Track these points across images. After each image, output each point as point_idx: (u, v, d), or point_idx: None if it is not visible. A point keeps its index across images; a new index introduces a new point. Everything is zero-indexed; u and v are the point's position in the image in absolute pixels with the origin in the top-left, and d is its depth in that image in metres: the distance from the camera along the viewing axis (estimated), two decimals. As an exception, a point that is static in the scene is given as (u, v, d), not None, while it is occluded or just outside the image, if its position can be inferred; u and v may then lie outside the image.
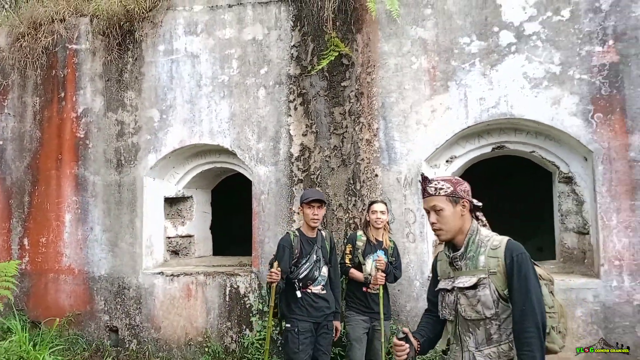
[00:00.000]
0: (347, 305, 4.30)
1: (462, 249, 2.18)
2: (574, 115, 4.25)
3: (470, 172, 5.31)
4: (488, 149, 4.90)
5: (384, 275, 4.07)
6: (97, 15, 6.02)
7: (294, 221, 5.10)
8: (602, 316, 4.10)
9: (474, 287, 2.10)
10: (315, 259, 3.90)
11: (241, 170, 5.77)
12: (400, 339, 2.23)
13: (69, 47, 6.13)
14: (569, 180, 4.58)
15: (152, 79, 5.79)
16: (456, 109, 4.62)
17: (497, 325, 2.07)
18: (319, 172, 5.07)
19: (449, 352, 2.25)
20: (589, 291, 4.14)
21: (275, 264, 3.85)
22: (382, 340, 4.09)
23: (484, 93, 4.54)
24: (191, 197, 6.34)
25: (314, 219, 3.87)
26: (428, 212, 2.24)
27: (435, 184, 2.20)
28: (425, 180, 2.26)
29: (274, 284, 3.83)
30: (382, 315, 4.08)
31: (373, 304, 4.17)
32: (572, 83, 4.27)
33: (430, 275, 2.44)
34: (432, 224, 2.21)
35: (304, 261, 3.87)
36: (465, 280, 2.13)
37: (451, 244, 2.24)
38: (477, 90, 4.56)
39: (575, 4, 4.31)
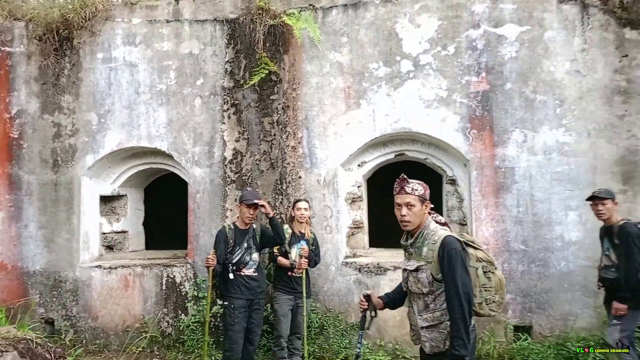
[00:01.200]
0: (275, 287, 5.07)
1: (412, 240, 2.79)
2: (456, 131, 5.37)
3: (378, 174, 6.34)
4: (391, 156, 5.91)
5: (307, 261, 4.90)
6: (33, 20, 6.25)
7: (227, 217, 5.77)
8: (475, 289, 5.24)
9: (416, 270, 2.74)
10: (246, 246, 4.63)
11: (176, 171, 6.31)
12: (364, 296, 3.06)
13: (2, 49, 6.31)
14: (453, 182, 5.71)
15: (90, 85, 6.16)
16: (366, 122, 5.57)
17: (433, 298, 2.75)
18: (250, 173, 5.78)
19: (409, 312, 2.98)
20: (466, 269, 5.26)
21: (212, 251, 4.56)
22: (304, 314, 4.92)
23: (389, 110, 5.53)
24: (125, 195, 6.75)
25: (249, 217, 4.63)
26: (399, 206, 2.76)
27: (412, 185, 2.75)
28: (404, 180, 2.77)
29: (211, 268, 4.53)
30: (304, 295, 4.91)
31: (297, 285, 4.98)
32: (455, 105, 5.38)
33: None
34: (402, 216, 2.74)
35: (237, 249, 4.60)
36: (411, 265, 2.78)
37: (409, 234, 2.83)
38: (383, 108, 5.54)
39: (458, 42, 5.42)
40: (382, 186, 6.77)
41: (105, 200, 6.55)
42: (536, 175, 5.17)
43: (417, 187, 2.77)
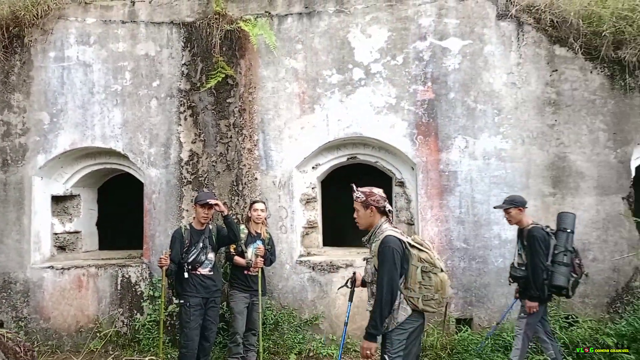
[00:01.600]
0: (231, 285, 5.24)
1: (367, 237, 3.30)
2: (404, 136, 5.70)
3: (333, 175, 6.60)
4: (344, 159, 6.19)
5: (262, 260, 5.10)
6: (-19, 16, 6.10)
7: (183, 217, 5.87)
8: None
9: (366, 262, 3.30)
10: (202, 246, 4.78)
11: (131, 172, 6.34)
12: (353, 273, 3.70)
13: (-53, 44, 6.11)
14: (401, 184, 6.05)
15: (42, 83, 6.09)
16: (320, 127, 5.81)
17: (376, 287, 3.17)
18: (206, 175, 5.91)
19: None
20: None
21: (166, 251, 4.67)
22: (260, 311, 5.12)
23: (341, 116, 5.79)
24: (78, 195, 6.70)
25: (204, 217, 4.78)
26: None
27: (357, 194, 3.29)
28: (352, 189, 3.35)
29: (164, 267, 4.64)
30: (260, 292, 5.11)
31: (252, 283, 5.17)
32: (403, 112, 5.71)
33: None
34: (354, 218, 3.33)
35: (192, 249, 4.74)
36: (366, 257, 3.35)
37: (367, 232, 3.33)
38: (336, 113, 5.80)
39: (406, 53, 5.75)
40: (336, 188, 7.06)
41: (57, 200, 6.48)
42: (476, 178, 5.59)
43: (359, 195, 3.29)
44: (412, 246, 3.14)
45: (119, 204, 8.33)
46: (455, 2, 5.71)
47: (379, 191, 3.29)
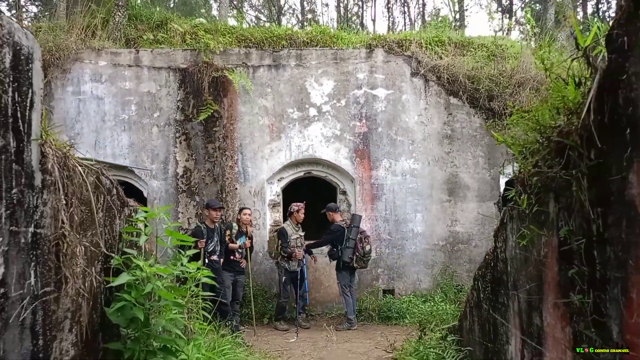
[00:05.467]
0: (222, 267, 7.09)
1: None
2: (346, 158, 7.85)
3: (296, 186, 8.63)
4: (302, 174, 8.24)
5: (251, 247, 7.05)
6: (10, 57, 7.54)
7: (179, 219, 7.65)
8: (357, 266, 7.71)
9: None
10: (216, 240, 6.60)
11: (134, 183, 8.01)
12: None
13: (-21, 78, 7.50)
14: (344, 193, 8.19)
15: (61, 112, 7.65)
16: (284, 150, 7.83)
17: None
18: (197, 186, 7.73)
19: None
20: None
21: (201, 240, 6.42)
22: (251, 286, 7.03)
23: (300, 142, 7.85)
24: (85, 201, 8.23)
25: (216, 217, 6.60)
26: None
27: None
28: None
29: (202, 248, 6.41)
30: (250, 273, 7.02)
31: (236, 266, 7.05)
32: (346, 141, 7.86)
33: None
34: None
35: (210, 242, 6.54)
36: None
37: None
38: (297, 141, 7.84)
39: (347, 98, 7.92)
40: (294, 194, 9.06)
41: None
42: (397, 189, 7.83)
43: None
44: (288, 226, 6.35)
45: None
46: (382, 63, 7.96)
47: (294, 204, 6.55)
